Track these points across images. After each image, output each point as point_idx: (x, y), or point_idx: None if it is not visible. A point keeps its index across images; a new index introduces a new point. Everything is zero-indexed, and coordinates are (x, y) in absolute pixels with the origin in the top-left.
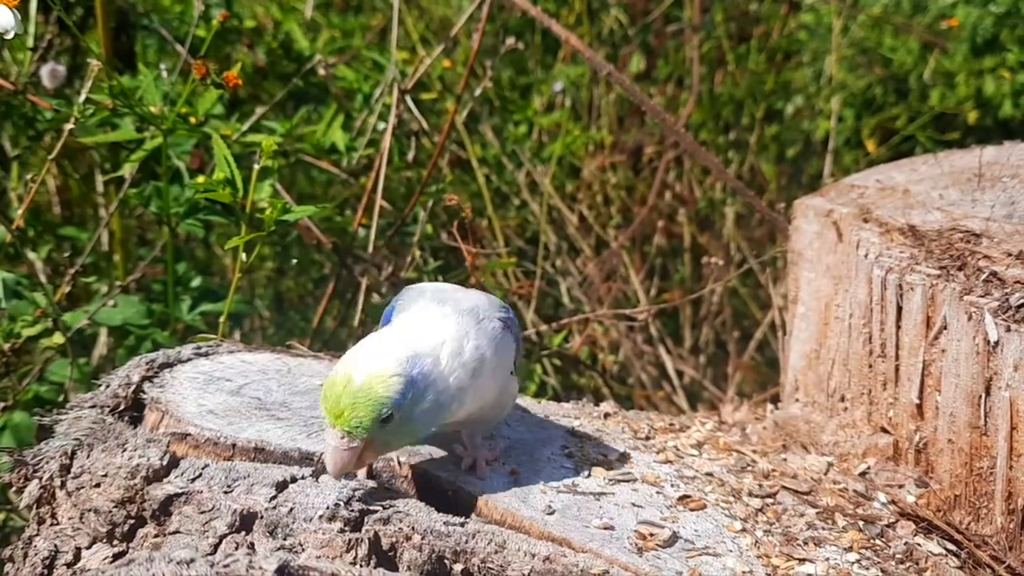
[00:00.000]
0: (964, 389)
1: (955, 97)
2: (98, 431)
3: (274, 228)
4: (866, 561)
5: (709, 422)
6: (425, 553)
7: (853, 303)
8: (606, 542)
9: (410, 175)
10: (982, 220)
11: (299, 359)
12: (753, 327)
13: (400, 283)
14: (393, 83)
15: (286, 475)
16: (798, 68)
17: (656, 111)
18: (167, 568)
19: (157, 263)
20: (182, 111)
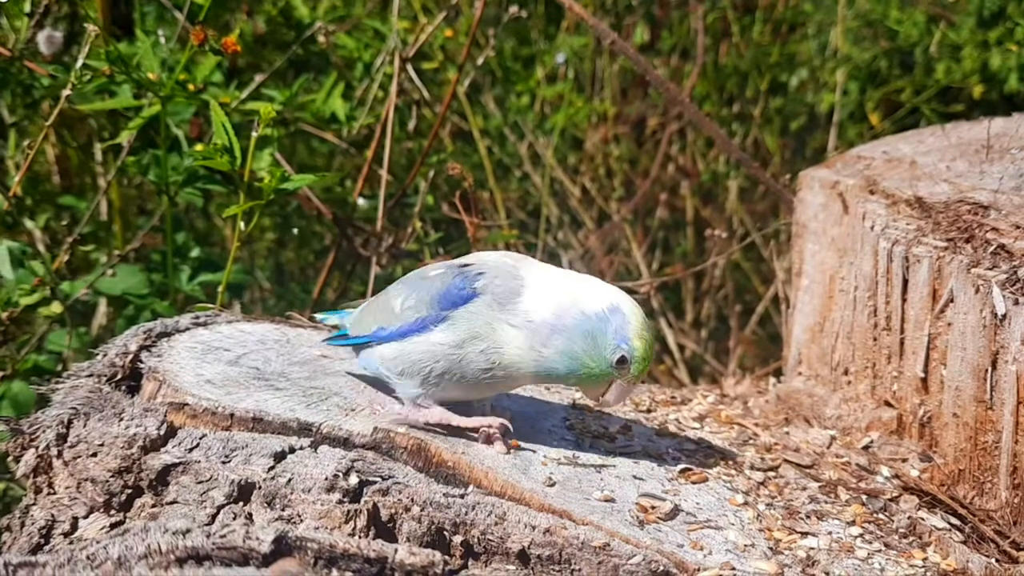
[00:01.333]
0: (970, 363)
1: (961, 71)
2: (95, 400)
3: (273, 197)
4: (869, 535)
5: (711, 395)
6: (424, 524)
7: (858, 276)
8: (607, 514)
9: (411, 146)
10: (990, 192)
11: (298, 330)
12: (755, 301)
13: (400, 254)
14: (394, 52)
15: (284, 445)
16: (803, 40)
17: (660, 81)
18: (163, 538)
19: (156, 232)
20: (180, 78)
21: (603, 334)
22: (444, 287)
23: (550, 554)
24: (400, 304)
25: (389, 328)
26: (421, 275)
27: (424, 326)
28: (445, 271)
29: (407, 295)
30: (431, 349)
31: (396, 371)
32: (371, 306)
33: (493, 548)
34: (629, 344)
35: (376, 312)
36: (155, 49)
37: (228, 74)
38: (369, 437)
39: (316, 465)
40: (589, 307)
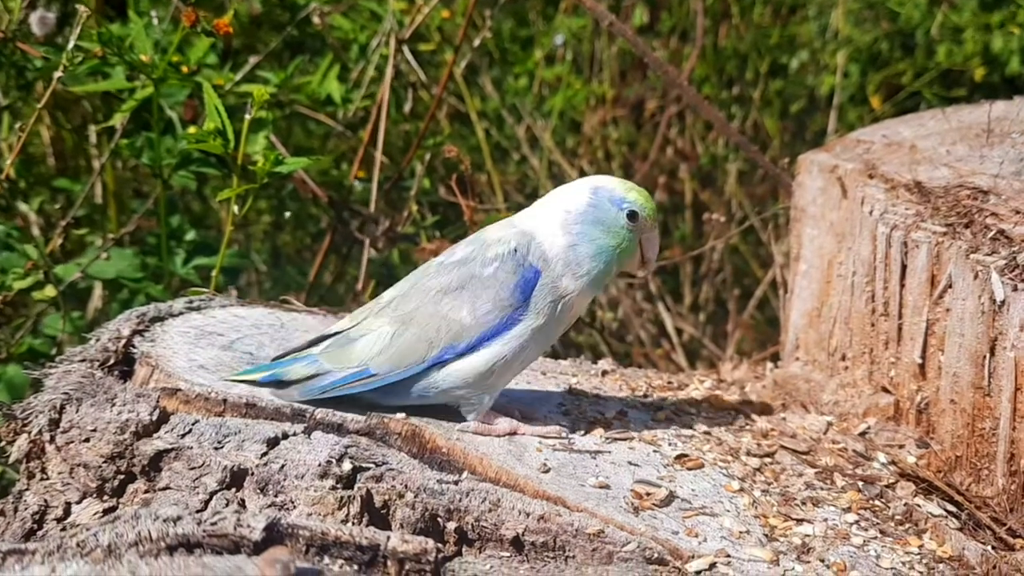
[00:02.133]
0: (968, 349)
1: (962, 53)
2: (87, 386)
3: (267, 180)
4: (865, 522)
5: (708, 380)
6: (418, 511)
7: (856, 261)
8: (601, 501)
9: (407, 128)
10: (990, 177)
11: (293, 314)
12: (754, 285)
13: (397, 237)
14: (390, 33)
15: (277, 431)
16: (803, 22)
17: (659, 63)
18: (154, 526)
19: (151, 216)
20: (174, 60)
21: (604, 211)
22: (516, 278)
23: (544, 541)
24: (470, 313)
25: (467, 341)
26: (469, 276)
27: (512, 322)
28: (497, 265)
29: (473, 302)
30: (523, 341)
31: (480, 383)
32: (410, 334)
33: (487, 535)
34: (628, 200)
35: (427, 336)
36: (148, 30)
37: (223, 56)
38: (363, 423)
39: (309, 451)
40: (578, 204)
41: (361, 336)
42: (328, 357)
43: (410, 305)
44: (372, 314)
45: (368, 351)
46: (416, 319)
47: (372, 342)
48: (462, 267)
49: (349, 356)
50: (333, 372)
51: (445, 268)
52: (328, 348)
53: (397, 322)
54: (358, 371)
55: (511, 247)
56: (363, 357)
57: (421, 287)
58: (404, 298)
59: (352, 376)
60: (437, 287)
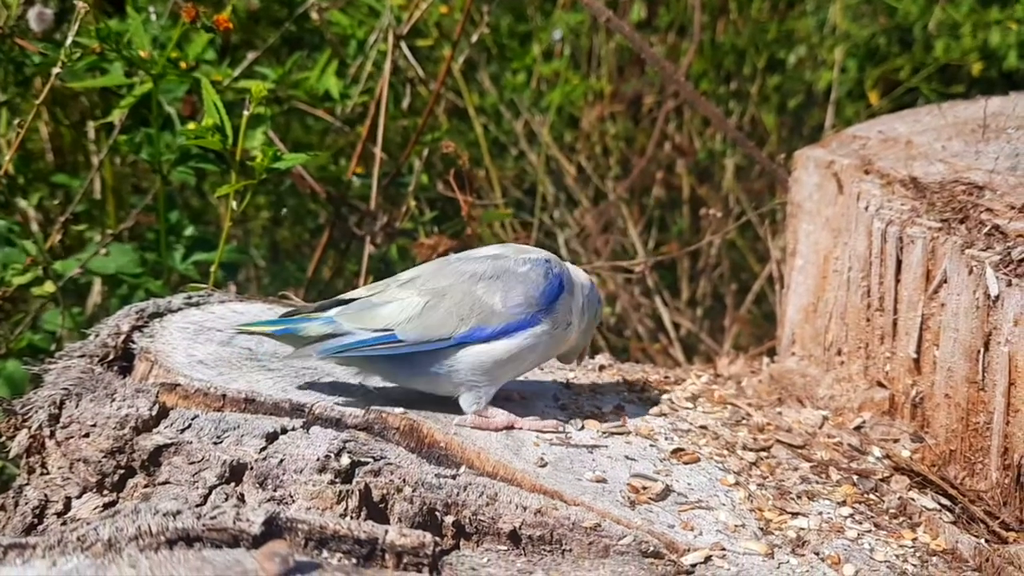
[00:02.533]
0: (963, 344)
1: (960, 48)
2: (87, 381)
3: (265, 176)
4: (859, 516)
5: (705, 375)
6: (416, 505)
7: (852, 256)
8: (598, 495)
9: (406, 124)
10: (985, 172)
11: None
12: (751, 280)
13: (395, 233)
14: (388, 29)
15: (276, 426)
16: (801, 17)
17: (656, 59)
18: (153, 520)
19: (150, 211)
20: (172, 56)
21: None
22: (546, 282)
23: (541, 534)
24: (502, 301)
25: (492, 327)
26: (501, 268)
27: (535, 321)
28: (531, 266)
29: (505, 292)
30: (535, 343)
31: (492, 372)
32: (442, 308)
33: (484, 528)
34: (602, 303)
35: (459, 311)
36: (146, 26)
37: (221, 51)
38: (361, 418)
39: (308, 446)
40: (584, 279)
41: (386, 303)
42: (348, 318)
43: (443, 282)
44: (394, 286)
45: (396, 316)
46: (449, 295)
47: (400, 309)
48: (496, 260)
49: (373, 319)
50: (355, 333)
51: (475, 259)
52: (346, 311)
53: (428, 294)
54: (384, 335)
55: (544, 256)
56: (390, 321)
57: (453, 269)
58: (434, 276)
59: (377, 339)
60: (471, 271)
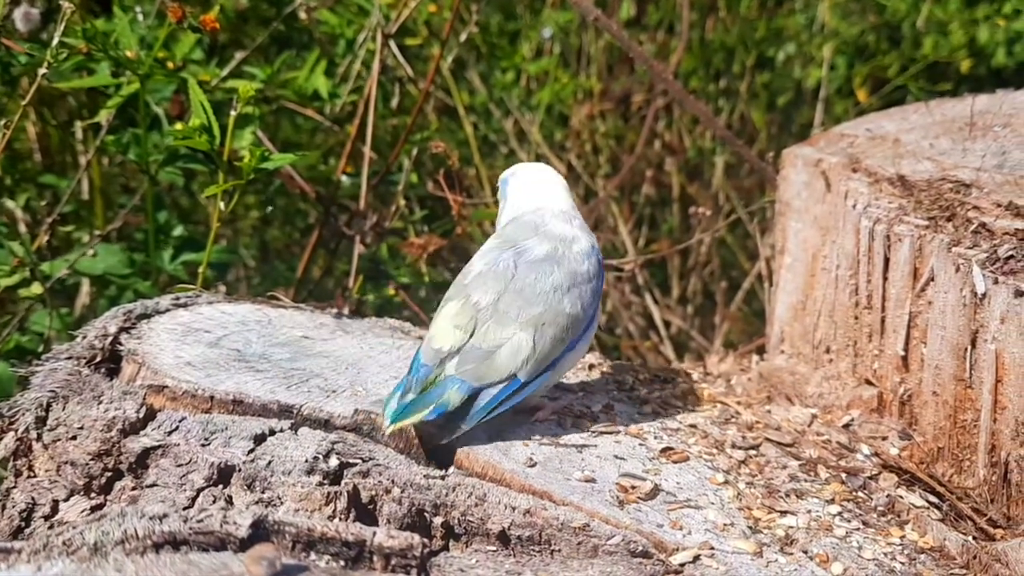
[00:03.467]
0: (950, 341)
1: (948, 45)
2: (74, 383)
3: (253, 177)
4: (848, 513)
5: (694, 373)
6: (405, 506)
7: (840, 254)
8: (587, 495)
9: (395, 123)
10: (972, 170)
11: (280, 310)
12: (741, 277)
13: (385, 232)
14: (377, 28)
15: (264, 428)
16: (790, 14)
17: (644, 58)
18: (140, 524)
19: (138, 212)
20: (159, 56)
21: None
22: (600, 269)
23: (530, 535)
24: (583, 307)
25: (578, 333)
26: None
27: (598, 308)
28: (588, 261)
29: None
30: (595, 326)
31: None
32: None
33: (474, 529)
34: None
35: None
36: (133, 26)
37: (209, 51)
38: (350, 419)
39: (296, 447)
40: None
41: (497, 347)
42: (471, 375)
43: (536, 306)
44: (484, 321)
45: (513, 361)
46: (547, 321)
47: (514, 351)
48: (559, 266)
49: (496, 370)
50: (485, 391)
51: (537, 260)
52: (464, 366)
53: (530, 327)
54: (508, 384)
55: (591, 244)
56: (511, 367)
57: (536, 289)
58: (518, 297)
59: (506, 390)
60: (551, 287)
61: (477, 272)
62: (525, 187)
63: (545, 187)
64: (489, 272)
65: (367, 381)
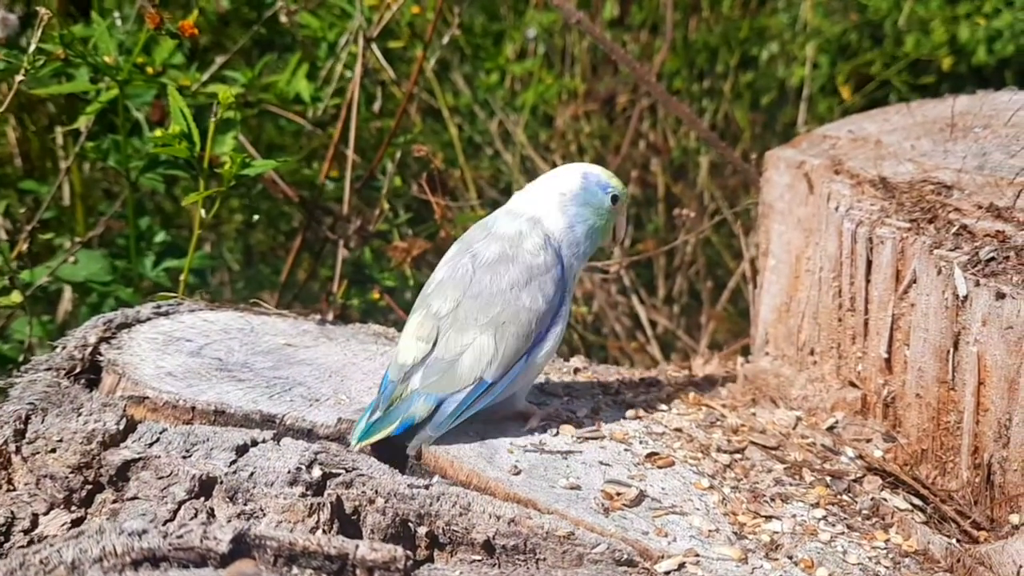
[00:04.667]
0: (933, 344)
1: (930, 43)
2: (53, 395)
3: (234, 183)
4: (832, 517)
5: (679, 376)
6: (389, 517)
7: (823, 256)
8: (572, 503)
9: (379, 125)
10: (953, 171)
11: (263, 317)
12: (727, 277)
13: (369, 236)
14: (359, 31)
15: (247, 438)
16: (773, 14)
17: (626, 60)
18: (118, 540)
19: (120, 218)
20: (138, 61)
21: (593, 194)
22: (558, 259)
23: (515, 544)
24: (544, 300)
25: (545, 326)
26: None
27: (564, 298)
28: (543, 253)
29: (541, 289)
30: (565, 316)
31: (548, 361)
32: (511, 336)
33: (458, 539)
34: (611, 185)
35: (523, 330)
36: (111, 31)
37: (190, 55)
38: (333, 428)
39: (279, 458)
40: (572, 187)
41: (459, 355)
42: (436, 387)
43: (494, 307)
44: (445, 330)
45: (477, 365)
46: (507, 320)
47: (477, 356)
48: (514, 263)
49: (460, 377)
50: (451, 397)
51: (493, 262)
52: (428, 379)
53: (490, 328)
54: (475, 387)
55: (542, 237)
56: (475, 372)
57: (492, 290)
58: (476, 300)
59: (473, 394)
60: (507, 285)
61: (438, 281)
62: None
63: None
64: (448, 280)
65: (351, 389)
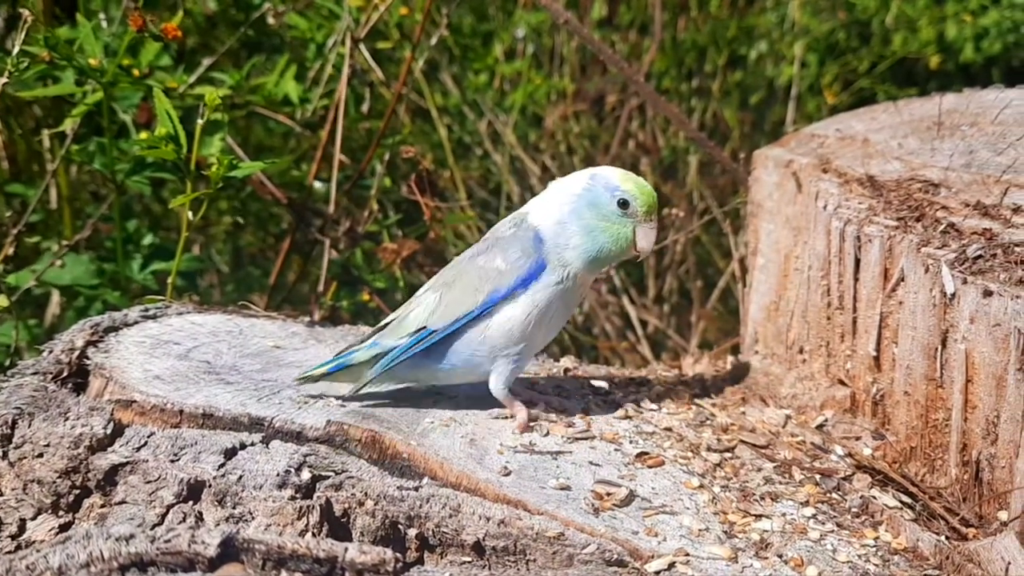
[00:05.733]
0: (921, 341)
1: (917, 41)
2: (40, 399)
3: (222, 185)
4: (822, 516)
5: (670, 375)
6: (378, 519)
7: (812, 255)
8: (562, 503)
9: (368, 126)
10: (941, 170)
11: (251, 320)
12: (716, 276)
13: (358, 237)
14: (347, 31)
15: (235, 442)
16: (761, 13)
17: (614, 60)
18: (105, 545)
19: (108, 220)
20: (124, 63)
21: (597, 195)
22: (531, 233)
23: (505, 545)
24: (503, 260)
25: (506, 285)
26: (492, 239)
27: (541, 269)
28: (514, 229)
29: (503, 252)
30: (549, 294)
31: (523, 334)
32: (457, 289)
33: (448, 540)
34: (621, 188)
35: (472, 284)
36: (97, 33)
37: (177, 56)
38: (322, 430)
39: (268, 461)
40: (574, 188)
41: (412, 311)
42: (386, 336)
43: (450, 272)
44: (414, 298)
45: (423, 315)
46: (458, 279)
47: (424, 308)
48: (485, 241)
49: (407, 327)
50: (397, 345)
51: (475, 245)
52: (383, 332)
53: (441, 287)
54: (418, 335)
55: (517, 219)
56: (420, 322)
57: (454, 262)
58: (443, 274)
59: (413, 341)
60: (471, 254)
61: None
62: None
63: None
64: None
65: (339, 391)
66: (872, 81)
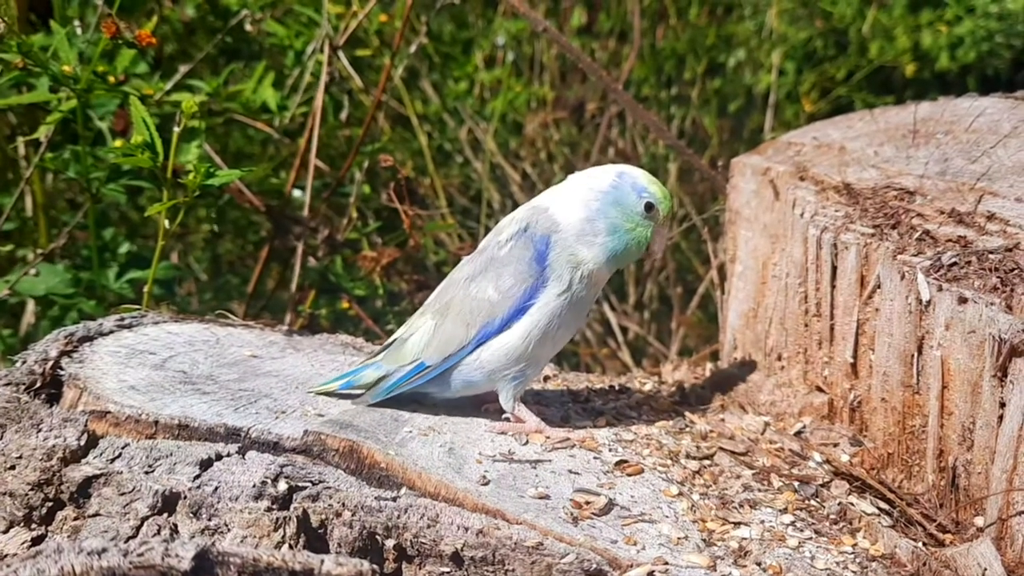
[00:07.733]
0: (897, 348)
1: (894, 50)
2: (12, 411)
3: (199, 193)
4: (801, 523)
5: (649, 382)
6: (356, 530)
7: (789, 262)
8: (541, 512)
9: (348, 134)
10: (916, 177)
11: (229, 329)
12: (696, 282)
13: (338, 245)
14: (325, 39)
15: (211, 452)
16: (739, 21)
17: (593, 68)
18: (77, 559)
19: (84, 228)
20: (99, 70)
21: (625, 195)
22: (530, 249)
23: (483, 555)
24: (495, 290)
25: (500, 316)
26: (489, 259)
27: (539, 290)
28: (511, 244)
29: (496, 280)
30: (552, 309)
31: (521, 357)
32: (449, 321)
33: (426, 551)
34: (648, 191)
35: (464, 318)
36: (72, 40)
37: (154, 63)
38: (299, 441)
39: (244, 472)
40: (601, 184)
41: (410, 335)
42: (387, 359)
43: (446, 297)
44: (418, 315)
45: (418, 346)
46: (452, 307)
47: (420, 337)
48: (483, 254)
49: (403, 355)
50: (394, 372)
51: (471, 259)
52: (388, 352)
53: (437, 315)
54: (413, 367)
55: (521, 226)
56: (415, 352)
57: (451, 280)
58: (441, 292)
59: (410, 373)
60: (465, 276)
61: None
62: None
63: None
64: (452, 272)
65: (317, 400)
66: (849, 89)
